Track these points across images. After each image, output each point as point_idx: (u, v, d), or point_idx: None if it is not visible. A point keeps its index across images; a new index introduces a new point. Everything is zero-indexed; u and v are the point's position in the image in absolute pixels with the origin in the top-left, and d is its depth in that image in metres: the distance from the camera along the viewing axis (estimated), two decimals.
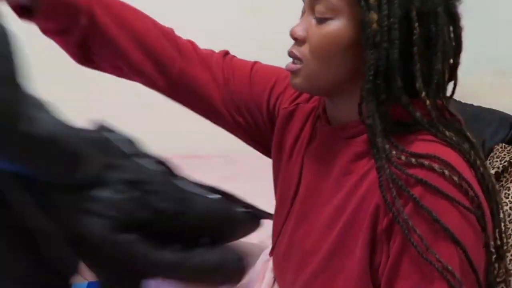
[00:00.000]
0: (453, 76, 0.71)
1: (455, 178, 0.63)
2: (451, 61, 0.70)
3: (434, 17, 0.65)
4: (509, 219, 1.15)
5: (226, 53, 1.01)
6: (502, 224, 0.71)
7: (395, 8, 0.63)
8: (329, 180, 0.77)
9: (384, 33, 0.64)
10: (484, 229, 0.65)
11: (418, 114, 0.67)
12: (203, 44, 2.32)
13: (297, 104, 0.89)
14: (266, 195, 1.13)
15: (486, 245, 0.66)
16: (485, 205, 0.67)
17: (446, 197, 0.62)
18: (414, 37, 0.64)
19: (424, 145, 0.66)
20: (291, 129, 0.88)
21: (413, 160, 0.64)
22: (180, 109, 2.39)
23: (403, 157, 0.64)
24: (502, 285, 0.74)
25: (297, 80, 0.72)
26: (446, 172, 0.63)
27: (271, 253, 0.91)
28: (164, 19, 2.27)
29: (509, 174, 1.29)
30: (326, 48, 0.68)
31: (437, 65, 0.66)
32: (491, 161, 1.35)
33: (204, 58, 0.99)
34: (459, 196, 0.63)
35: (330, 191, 0.76)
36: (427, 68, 0.66)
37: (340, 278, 0.72)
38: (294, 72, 0.72)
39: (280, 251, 0.86)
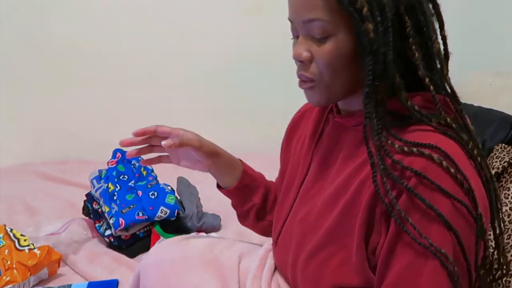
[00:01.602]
0: (447, 50, 0.73)
1: (452, 170, 0.65)
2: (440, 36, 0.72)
3: (420, 8, 0.68)
4: (508, 219, 1.15)
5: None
6: (501, 214, 0.73)
7: (386, 13, 0.66)
8: (335, 164, 0.80)
9: (380, 40, 0.66)
10: (476, 220, 0.66)
11: (416, 107, 0.69)
12: (203, 43, 2.33)
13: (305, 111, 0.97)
14: None
15: (481, 235, 0.67)
16: (482, 196, 0.68)
17: (440, 188, 0.64)
18: (408, 30, 0.67)
19: (424, 135, 0.68)
20: (302, 125, 0.95)
21: (414, 149, 0.66)
22: (180, 109, 2.40)
23: (405, 148, 0.67)
24: (505, 278, 0.76)
25: (315, 97, 0.75)
26: (444, 163, 0.65)
27: (274, 243, 0.93)
28: (164, 19, 2.29)
29: (508, 175, 1.28)
30: (333, 63, 0.70)
31: (434, 48, 0.69)
32: (490, 161, 1.35)
33: None
34: (453, 187, 0.65)
35: (334, 173, 0.79)
36: (425, 55, 0.69)
37: (338, 256, 0.74)
38: (309, 90, 0.75)
39: (283, 235, 0.89)
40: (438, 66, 0.70)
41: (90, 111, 2.23)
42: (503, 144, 1.40)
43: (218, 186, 1.04)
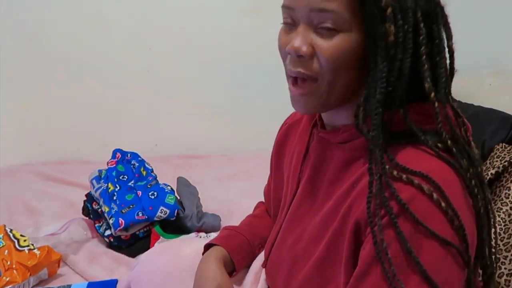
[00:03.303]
0: (453, 69, 0.68)
1: (443, 204, 0.59)
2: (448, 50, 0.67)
3: (435, 17, 0.64)
4: (509, 219, 1.15)
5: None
6: (493, 249, 0.68)
7: (408, 17, 0.61)
8: (321, 185, 0.76)
9: (399, 45, 0.61)
10: (467, 263, 0.61)
11: (414, 126, 0.64)
12: (203, 44, 2.32)
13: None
14: None
15: (468, 281, 0.63)
16: (471, 233, 0.63)
17: (423, 226, 0.59)
18: (421, 38, 0.62)
19: (418, 157, 0.63)
20: (291, 139, 0.90)
21: (403, 176, 0.61)
22: (180, 109, 2.40)
23: (395, 172, 0.61)
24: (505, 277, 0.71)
25: (310, 103, 0.68)
26: (434, 195, 0.59)
27: (264, 264, 0.91)
28: (164, 19, 2.28)
29: (509, 174, 1.28)
30: (339, 60, 0.64)
31: (443, 63, 0.64)
32: (491, 161, 1.35)
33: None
34: (442, 224, 0.59)
35: (322, 197, 0.75)
36: (433, 68, 0.64)
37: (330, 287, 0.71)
38: (305, 95, 0.67)
39: (273, 257, 0.87)
40: (443, 82, 0.64)
41: (90, 111, 2.23)
42: (504, 144, 1.40)
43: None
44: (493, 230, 0.69)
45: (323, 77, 0.66)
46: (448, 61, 0.66)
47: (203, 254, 0.93)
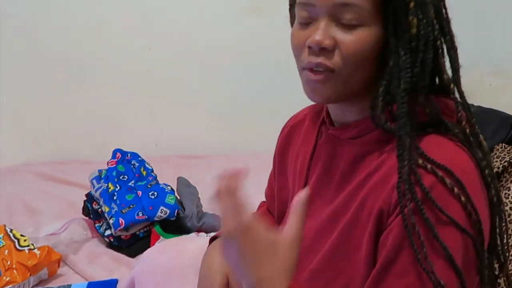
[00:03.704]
0: (458, 65, 0.71)
1: (463, 198, 0.62)
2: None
3: (444, 14, 0.67)
4: (509, 219, 1.15)
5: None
6: (505, 240, 0.71)
7: (428, 12, 0.64)
8: (332, 181, 0.77)
9: (421, 37, 0.64)
10: (480, 255, 0.64)
11: (440, 114, 0.67)
12: (203, 44, 2.32)
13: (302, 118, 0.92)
14: None
15: (480, 271, 0.65)
16: (485, 222, 0.65)
17: (448, 217, 0.62)
18: (436, 33, 0.65)
19: (444, 147, 0.66)
20: (296, 138, 0.91)
21: (428, 166, 0.63)
22: (180, 109, 2.40)
23: (420, 161, 0.64)
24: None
25: (328, 91, 0.68)
26: (456, 189, 0.62)
27: None
28: (164, 19, 2.28)
29: (509, 174, 1.28)
30: (361, 54, 0.66)
31: (456, 58, 0.68)
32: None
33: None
34: (461, 217, 0.62)
35: (332, 192, 0.76)
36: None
37: (341, 280, 0.71)
38: (323, 82, 0.68)
39: None
40: (457, 76, 0.68)
41: (90, 111, 2.23)
42: (504, 144, 1.40)
43: None
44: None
45: (341, 70, 0.67)
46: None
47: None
